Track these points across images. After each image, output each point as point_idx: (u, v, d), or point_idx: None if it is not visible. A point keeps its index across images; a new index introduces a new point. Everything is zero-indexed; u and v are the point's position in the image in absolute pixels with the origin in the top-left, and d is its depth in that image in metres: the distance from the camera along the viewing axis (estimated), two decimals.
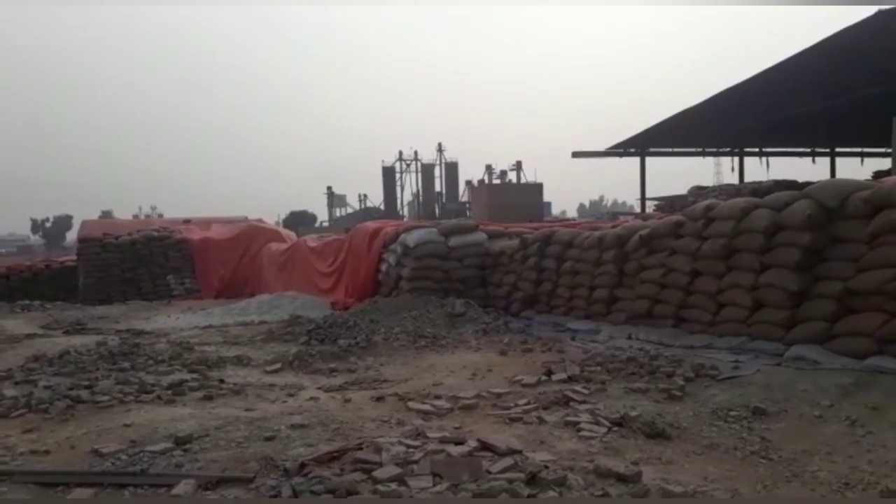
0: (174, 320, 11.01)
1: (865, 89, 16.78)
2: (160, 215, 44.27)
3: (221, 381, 5.61)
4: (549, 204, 49.86)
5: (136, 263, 16.56)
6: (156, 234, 17.16)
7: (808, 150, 26.61)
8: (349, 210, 54.85)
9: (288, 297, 12.00)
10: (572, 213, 72.71)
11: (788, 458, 3.41)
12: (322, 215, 57.99)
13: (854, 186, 5.56)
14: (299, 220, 52.66)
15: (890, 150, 17.06)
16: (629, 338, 7.11)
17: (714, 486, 3.02)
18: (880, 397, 4.30)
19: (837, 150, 26.84)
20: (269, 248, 15.85)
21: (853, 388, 4.52)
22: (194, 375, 5.81)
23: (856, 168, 27.31)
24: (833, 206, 5.51)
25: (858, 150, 26.85)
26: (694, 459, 3.41)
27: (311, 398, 4.99)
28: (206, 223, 19.04)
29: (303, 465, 3.42)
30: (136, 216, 43.35)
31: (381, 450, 3.43)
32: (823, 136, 22.03)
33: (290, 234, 18.71)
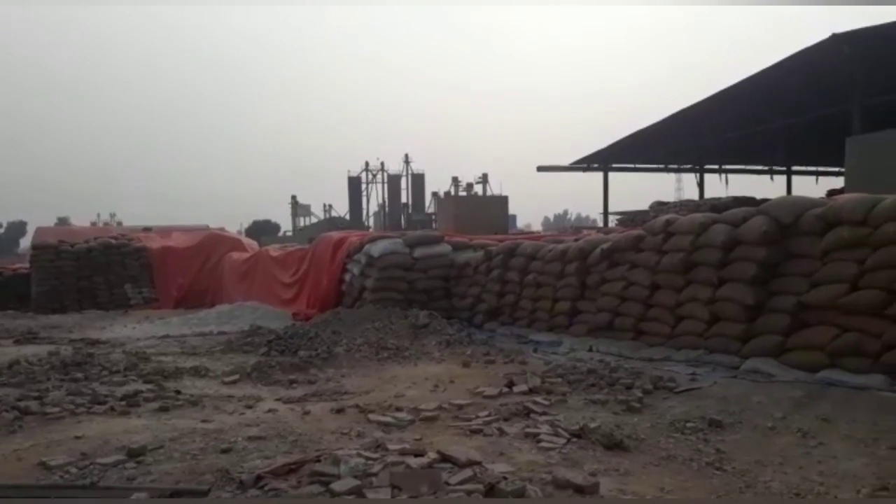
0: (131, 330, 10.76)
1: (821, 110, 17.32)
2: (119, 223, 43.32)
3: (178, 392, 5.50)
4: (514, 217, 50.17)
5: (92, 272, 16.15)
6: (114, 241, 16.78)
7: (766, 167, 27.35)
8: (314, 220, 54.37)
9: (248, 307, 11.85)
10: (537, 226, 73.24)
11: (742, 469, 3.47)
12: (286, 225, 57.35)
13: (808, 204, 5.72)
14: (262, 230, 52.01)
15: (843, 170, 17.63)
16: (590, 350, 7.18)
17: (670, 497, 3.05)
18: (831, 409, 4.41)
19: (794, 168, 27.63)
20: (231, 258, 15.64)
21: (805, 401, 4.63)
22: (150, 386, 5.69)
23: (811, 186, 28.17)
24: (788, 222, 5.65)
25: (814, 168, 27.68)
26: (651, 471, 3.45)
27: (270, 410, 4.92)
28: (166, 231, 18.72)
29: (259, 478, 3.36)
30: (93, 223, 42.27)
31: (339, 462, 3.39)
32: (781, 155, 22.65)
33: (253, 244, 18.50)
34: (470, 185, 50.05)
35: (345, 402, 5.09)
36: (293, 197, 55.76)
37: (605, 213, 27.30)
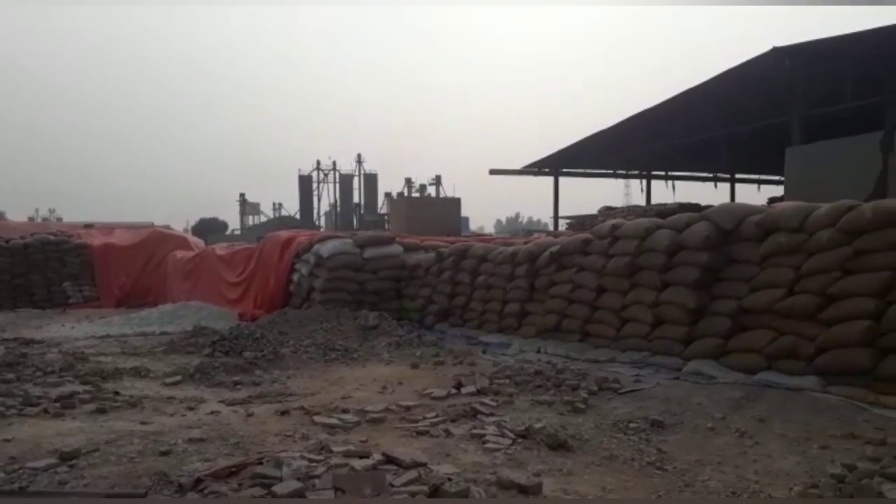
0: (69, 329, 10.38)
1: (763, 120, 17.91)
2: (59, 219, 41.76)
3: (116, 393, 5.33)
4: (466, 219, 50.40)
5: (28, 269, 15.51)
6: (52, 238, 16.17)
7: (711, 174, 28.12)
8: (263, 218, 53.58)
9: (193, 307, 11.57)
10: (490, 228, 73.70)
11: (682, 468, 3.55)
12: (234, 223, 56.34)
13: (748, 210, 5.89)
14: (209, 228, 50.93)
15: (783, 178, 18.26)
16: (538, 351, 7.25)
17: (612, 497, 3.10)
18: (767, 410, 4.54)
19: (737, 175, 28.49)
20: (175, 256, 15.26)
21: (744, 402, 4.76)
22: (87, 387, 5.50)
23: (753, 193, 29.11)
24: (729, 228, 5.82)
25: (756, 176, 28.60)
26: (593, 470, 3.50)
27: (212, 412, 4.81)
28: (108, 228, 18.15)
29: (198, 481, 3.28)
30: (31, 219, 40.71)
31: (281, 464, 3.34)
32: (725, 162, 23.32)
33: (198, 242, 18.09)
34: (423, 187, 50.08)
35: (290, 403, 5.01)
36: (242, 195, 54.88)
37: (556, 216, 27.67)
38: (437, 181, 50.32)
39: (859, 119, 15.58)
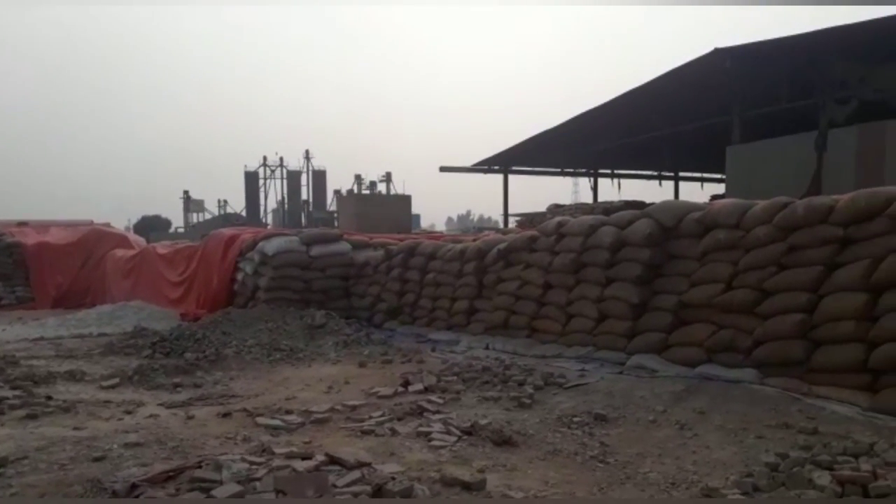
0: (0, 332, 9.94)
1: (705, 119, 18.38)
2: None
3: (49, 397, 5.12)
4: (417, 216, 50.30)
5: None
6: None
7: (656, 173, 28.76)
8: (208, 216, 52.41)
9: (132, 307, 11.22)
10: (441, 226, 73.83)
11: (624, 461, 3.60)
12: (178, 221, 54.95)
13: (688, 208, 6.03)
14: (152, 226, 49.50)
15: (725, 176, 18.79)
16: (487, 348, 7.28)
17: (553, 491, 3.12)
18: (707, 402, 4.66)
19: (681, 174, 29.20)
20: (115, 255, 14.76)
21: (684, 394, 4.87)
22: (17, 392, 5.26)
23: (697, 191, 29.84)
24: (670, 225, 5.94)
25: (699, 174, 29.36)
26: (537, 465, 3.52)
27: (151, 415, 4.67)
28: (44, 226, 17.41)
29: (133, 487, 3.18)
30: None
31: (221, 467, 3.26)
32: (669, 161, 23.89)
33: (139, 240, 17.54)
34: (373, 184, 49.86)
35: (232, 405, 4.90)
36: (185, 192, 53.57)
37: (506, 214, 27.87)
38: (388, 178, 50.18)
39: (795, 119, 16.14)
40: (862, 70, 14.93)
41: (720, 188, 25.16)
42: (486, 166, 27.48)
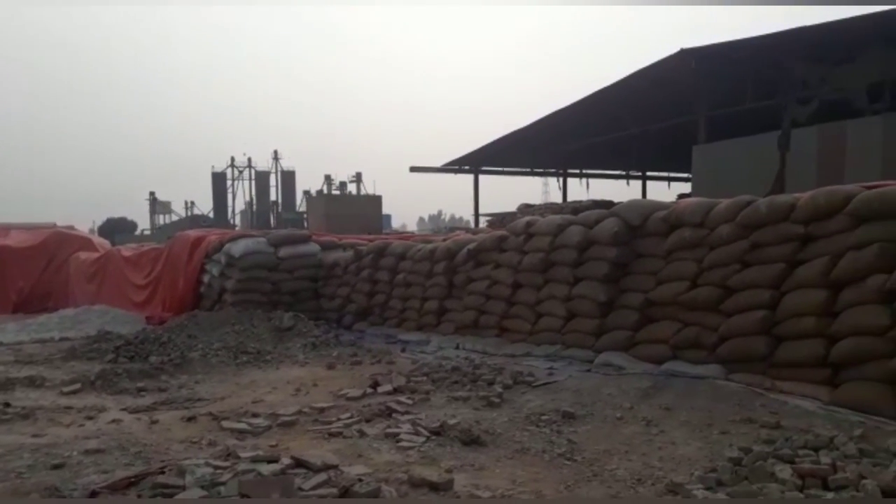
0: None
1: (672, 119, 18.64)
2: None
3: (7, 404, 4.98)
4: (388, 217, 50.18)
5: None
6: None
7: (624, 172, 29.08)
8: (175, 217, 51.67)
9: (96, 311, 10.98)
10: (412, 226, 73.81)
11: (591, 458, 3.62)
12: (144, 223, 54.06)
13: (654, 207, 6.09)
14: (117, 228, 48.65)
15: (691, 175, 19.07)
16: (457, 348, 7.28)
17: (521, 489, 3.13)
18: (672, 399, 4.72)
19: (649, 173, 29.56)
20: (78, 258, 14.43)
21: (651, 391, 4.92)
22: None
23: (664, 190, 30.25)
24: (636, 224, 5.99)
25: (666, 174, 29.75)
26: (505, 464, 3.53)
27: (113, 420, 4.57)
28: (4, 229, 16.96)
29: (94, 494, 3.11)
30: None
31: (184, 472, 3.20)
32: (636, 160, 24.16)
33: (104, 243, 17.18)
34: (343, 184, 49.56)
35: (197, 409, 4.82)
36: (152, 193, 52.77)
37: (476, 214, 27.95)
38: (358, 178, 49.95)
39: (759, 119, 16.44)
40: (822, 71, 15.27)
41: (687, 187, 25.54)
42: (456, 166, 27.53)
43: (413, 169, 27.70)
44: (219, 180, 50.63)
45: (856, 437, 3.58)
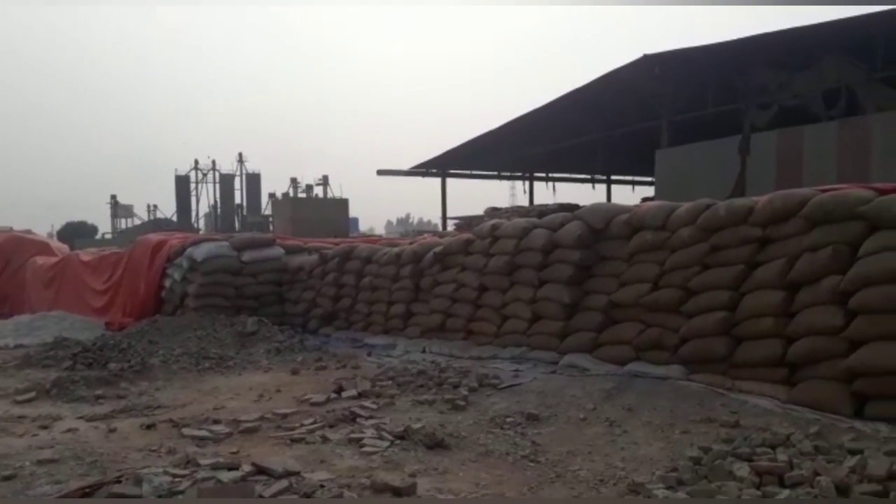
0: None
1: (636, 124, 18.90)
2: None
3: None
4: (356, 220, 49.93)
5: None
6: None
7: (589, 176, 29.39)
8: (137, 221, 50.71)
9: (53, 317, 10.70)
10: (380, 229, 73.51)
11: (554, 459, 3.64)
12: (105, 227, 52.92)
13: (617, 210, 6.16)
14: (77, 232, 47.50)
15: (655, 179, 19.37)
16: (423, 351, 7.26)
17: (484, 492, 3.13)
18: (635, 399, 4.76)
19: (613, 177, 29.93)
20: (35, 263, 14.04)
21: (614, 392, 4.97)
22: None
23: (629, 194, 30.67)
24: (600, 227, 6.05)
25: (630, 178, 30.16)
26: (469, 467, 3.52)
27: (69, 429, 4.45)
28: None
29: None
30: None
31: (142, 481, 3.13)
32: (601, 164, 24.44)
33: (62, 247, 16.74)
34: (310, 187, 49.11)
35: (157, 416, 4.72)
36: (113, 197, 51.70)
37: (444, 217, 27.97)
38: (325, 181, 49.53)
39: (721, 123, 16.76)
40: (780, 77, 15.64)
41: (651, 191, 25.95)
42: (423, 169, 27.54)
43: (380, 172, 27.63)
44: (182, 183, 49.84)
45: (811, 434, 3.65)
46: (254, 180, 50.88)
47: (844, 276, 4.26)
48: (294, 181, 49.11)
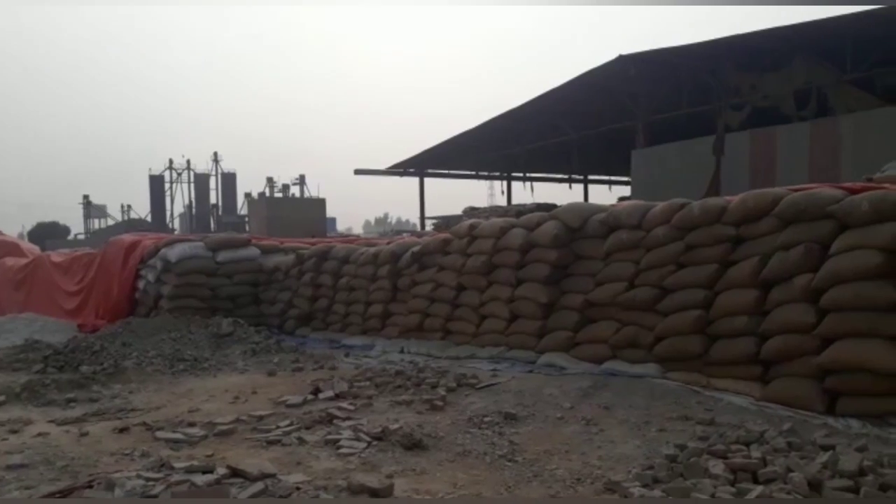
0: None
1: (612, 124, 19.06)
2: None
3: None
4: (333, 220, 49.73)
5: None
6: None
7: (566, 176, 29.57)
8: (111, 222, 50.01)
9: (24, 319, 10.47)
10: (358, 229, 73.30)
11: (531, 459, 3.64)
12: (77, 227, 52.07)
13: (593, 209, 6.19)
14: (48, 233, 46.69)
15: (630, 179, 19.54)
16: (401, 351, 7.24)
17: (461, 492, 3.12)
18: (612, 398, 4.79)
19: (591, 177, 30.15)
20: (5, 264, 13.75)
21: (591, 391, 4.99)
22: None
23: (605, 194, 30.95)
24: (576, 226, 6.08)
25: (607, 178, 30.40)
26: (446, 467, 3.51)
27: (39, 434, 4.36)
28: None
29: None
30: None
31: (114, 486, 3.08)
32: (578, 164, 24.62)
33: (33, 249, 16.42)
34: (286, 187, 48.79)
35: (130, 420, 4.65)
36: (86, 197, 50.93)
37: (422, 216, 27.98)
38: (301, 181, 49.29)
39: (695, 124, 16.96)
40: (753, 78, 15.87)
41: (627, 190, 26.19)
42: (401, 169, 27.50)
43: (358, 171, 27.55)
44: (156, 183, 49.26)
45: (785, 431, 3.70)
46: (229, 180, 50.42)
47: (816, 274, 4.33)
48: (270, 181, 48.77)
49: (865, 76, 14.19)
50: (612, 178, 30.10)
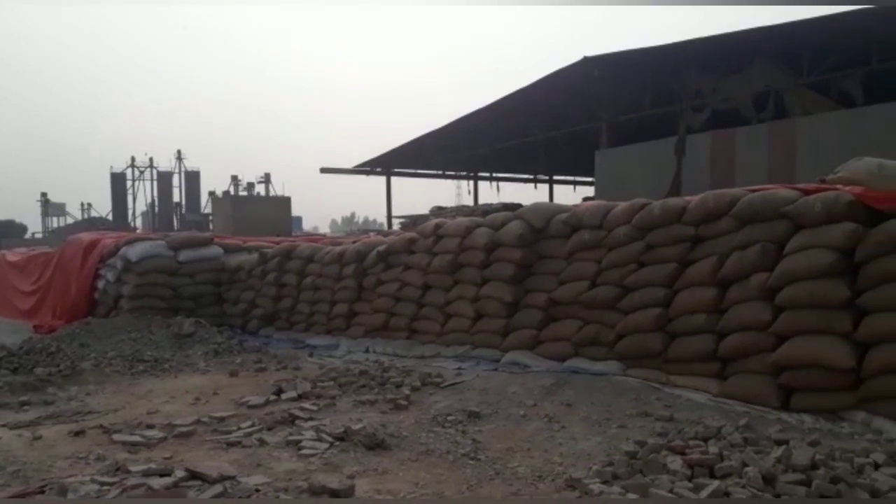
0: None
1: (576, 125, 19.23)
2: None
3: None
4: (299, 219, 49.29)
5: None
6: None
7: (532, 176, 29.77)
8: (70, 220, 48.84)
9: None
10: (325, 228, 72.76)
11: (494, 457, 3.65)
12: (35, 226, 50.74)
13: (556, 210, 6.24)
14: (4, 231, 45.36)
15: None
16: (366, 351, 7.22)
17: (423, 492, 3.12)
18: (574, 395, 4.84)
19: (556, 177, 30.39)
20: None
21: (554, 388, 5.03)
22: None
23: (570, 194, 31.23)
24: (540, 226, 6.13)
25: (572, 178, 30.68)
26: (409, 467, 3.51)
27: None
28: None
29: None
30: None
31: (67, 491, 3.01)
32: (544, 165, 24.80)
33: None
34: (251, 185, 48.17)
35: (86, 422, 4.54)
36: (43, 194, 49.63)
37: (389, 216, 27.89)
38: (267, 179, 48.71)
39: (658, 125, 17.20)
40: (713, 81, 16.16)
41: (591, 191, 26.45)
42: (368, 168, 27.38)
43: (324, 170, 27.36)
44: (118, 181, 48.26)
45: (741, 426, 3.79)
46: (193, 178, 49.61)
47: (772, 273, 4.43)
48: (235, 179, 48.04)
49: (821, 80, 14.55)
50: (577, 178, 30.40)
